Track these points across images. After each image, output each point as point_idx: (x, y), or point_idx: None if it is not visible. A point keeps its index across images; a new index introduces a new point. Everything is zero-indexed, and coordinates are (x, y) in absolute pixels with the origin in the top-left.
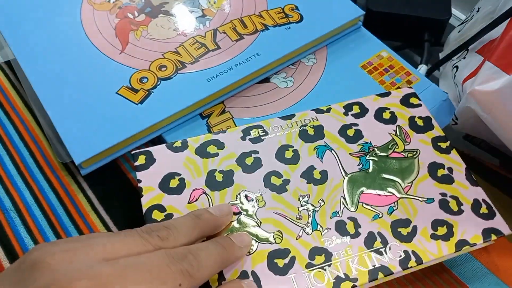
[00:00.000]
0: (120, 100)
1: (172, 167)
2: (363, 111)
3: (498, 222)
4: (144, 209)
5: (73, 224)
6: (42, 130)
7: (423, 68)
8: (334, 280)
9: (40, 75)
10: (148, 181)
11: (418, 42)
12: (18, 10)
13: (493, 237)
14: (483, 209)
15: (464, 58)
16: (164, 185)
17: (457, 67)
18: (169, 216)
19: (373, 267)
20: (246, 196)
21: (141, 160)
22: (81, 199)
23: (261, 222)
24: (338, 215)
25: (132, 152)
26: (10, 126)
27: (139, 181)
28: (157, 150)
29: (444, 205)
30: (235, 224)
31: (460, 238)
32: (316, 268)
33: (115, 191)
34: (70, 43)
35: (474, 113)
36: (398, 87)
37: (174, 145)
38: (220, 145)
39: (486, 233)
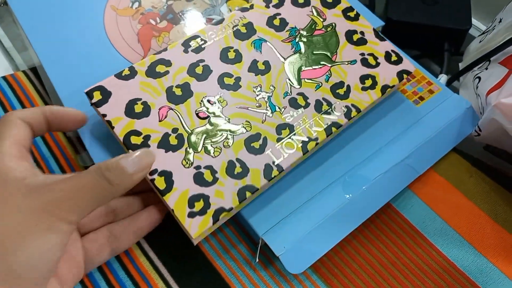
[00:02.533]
0: None
1: (131, 94)
2: (281, 0)
3: (406, 64)
4: (121, 138)
5: None
6: (64, 133)
7: (443, 78)
8: (301, 144)
9: (64, 80)
10: (113, 112)
11: (437, 51)
12: (43, 14)
13: (405, 76)
14: (393, 57)
15: (486, 69)
16: (130, 112)
17: (479, 78)
18: (147, 138)
19: (326, 125)
20: (208, 101)
21: (97, 96)
22: None
23: (229, 119)
24: (288, 94)
25: (85, 91)
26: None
27: (104, 115)
28: (109, 83)
29: (364, 62)
30: (208, 126)
31: (383, 84)
32: (285, 140)
33: None
34: (93, 48)
35: (499, 125)
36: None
37: (123, 74)
38: (167, 63)
39: (400, 74)
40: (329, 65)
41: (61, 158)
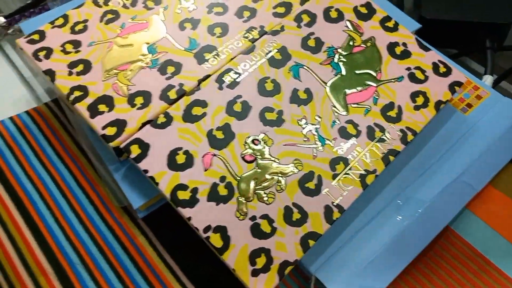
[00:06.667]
0: None
1: (170, 144)
2: (313, 17)
3: (456, 74)
4: (167, 195)
5: (139, 273)
6: (95, 170)
7: (489, 79)
8: (359, 179)
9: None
10: (155, 167)
11: (477, 48)
12: None
13: (457, 89)
14: (442, 69)
15: None
16: (173, 164)
17: None
18: (195, 191)
19: (383, 154)
20: (253, 141)
21: (135, 151)
22: (145, 246)
23: (278, 159)
24: (336, 123)
25: (121, 146)
26: (64, 170)
27: (146, 171)
28: (146, 134)
29: (412, 77)
30: (257, 169)
31: (436, 100)
32: (341, 176)
33: (178, 235)
34: None
35: None
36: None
37: (159, 122)
38: (203, 104)
39: (451, 87)
40: (375, 84)
41: (94, 197)
